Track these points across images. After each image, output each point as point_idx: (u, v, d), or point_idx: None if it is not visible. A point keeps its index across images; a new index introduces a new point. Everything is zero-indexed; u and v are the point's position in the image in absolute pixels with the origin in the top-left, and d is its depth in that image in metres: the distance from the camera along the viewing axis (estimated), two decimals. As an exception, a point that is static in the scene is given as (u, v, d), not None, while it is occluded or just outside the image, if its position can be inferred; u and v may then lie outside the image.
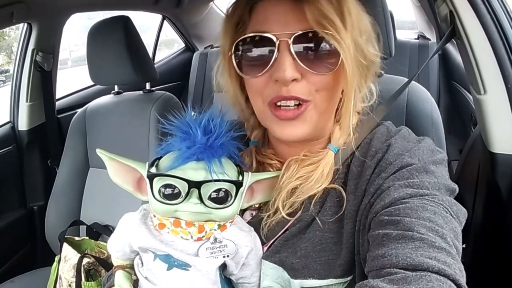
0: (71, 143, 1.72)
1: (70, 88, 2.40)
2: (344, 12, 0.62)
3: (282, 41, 0.62)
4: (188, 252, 0.64)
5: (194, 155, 0.62)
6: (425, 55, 2.48)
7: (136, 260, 0.71)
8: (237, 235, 0.66)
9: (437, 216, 0.56)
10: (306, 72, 0.63)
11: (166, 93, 1.72)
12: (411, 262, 0.50)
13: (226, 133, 0.65)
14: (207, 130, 0.64)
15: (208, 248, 0.64)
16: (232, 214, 0.65)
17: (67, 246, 1.41)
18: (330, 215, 0.69)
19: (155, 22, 2.95)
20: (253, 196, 0.72)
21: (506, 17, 0.96)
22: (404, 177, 0.62)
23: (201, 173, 0.62)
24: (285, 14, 0.63)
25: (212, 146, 0.63)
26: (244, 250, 0.66)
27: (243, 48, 0.67)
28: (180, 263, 0.64)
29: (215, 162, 0.63)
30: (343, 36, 0.61)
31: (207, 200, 0.62)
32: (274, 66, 0.63)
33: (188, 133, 0.64)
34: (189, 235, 0.64)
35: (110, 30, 1.61)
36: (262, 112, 0.70)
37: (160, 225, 0.65)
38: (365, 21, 0.68)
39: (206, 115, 0.65)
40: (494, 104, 0.97)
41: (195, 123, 0.64)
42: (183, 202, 0.61)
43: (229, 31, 0.70)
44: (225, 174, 0.63)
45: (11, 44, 4.31)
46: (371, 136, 0.72)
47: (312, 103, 0.66)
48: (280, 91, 0.64)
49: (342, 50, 0.61)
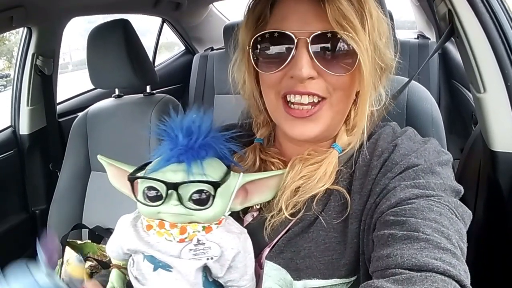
0: (73, 146, 1.73)
1: (71, 92, 2.41)
2: (365, 14, 0.62)
3: (301, 40, 0.62)
4: (171, 253, 0.64)
5: (173, 157, 0.63)
6: (425, 55, 2.48)
7: (129, 260, 0.71)
8: (223, 237, 0.66)
9: (443, 217, 0.56)
10: (323, 72, 0.64)
11: (167, 96, 1.72)
12: (416, 263, 0.50)
13: (211, 134, 0.66)
14: (188, 132, 0.64)
15: (191, 249, 0.64)
16: (214, 215, 0.64)
17: (69, 250, 1.41)
18: (334, 214, 0.69)
19: (154, 25, 2.96)
20: (247, 197, 0.72)
21: (505, 15, 0.96)
22: (410, 177, 0.62)
23: (180, 174, 0.62)
24: (305, 13, 0.63)
25: (193, 147, 0.63)
26: (230, 252, 0.65)
27: (261, 44, 0.67)
28: (163, 264, 0.64)
29: (196, 164, 0.63)
30: (361, 38, 0.61)
31: (187, 201, 0.62)
32: (291, 63, 0.64)
33: (171, 136, 0.65)
34: (172, 236, 0.64)
35: (109, 33, 1.61)
36: (275, 107, 0.70)
37: (148, 226, 0.66)
38: (385, 24, 0.68)
39: (188, 117, 0.66)
40: (494, 102, 0.97)
41: (178, 126, 0.65)
42: (164, 203, 0.62)
43: (249, 26, 0.70)
44: (204, 175, 0.63)
45: (12, 48, 4.32)
46: (376, 136, 0.72)
47: (328, 103, 0.66)
48: (295, 86, 0.64)
49: (360, 51, 0.61)
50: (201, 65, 2.94)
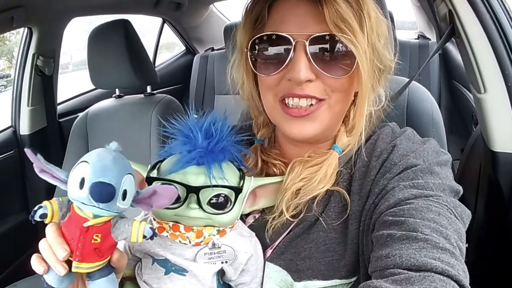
0: (73, 147, 1.73)
1: (72, 92, 2.41)
2: (363, 16, 0.62)
3: (299, 42, 0.62)
4: (186, 257, 0.63)
5: (194, 159, 0.62)
6: (426, 55, 2.48)
7: (137, 264, 0.71)
8: (236, 241, 0.66)
9: (442, 217, 0.56)
10: (321, 74, 0.63)
11: (167, 96, 1.72)
12: (414, 263, 0.50)
13: (228, 137, 0.65)
14: (208, 134, 0.63)
15: (206, 253, 0.63)
16: (231, 219, 0.64)
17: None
18: (334, 215, 0.69)
19: (155, 26, 2.96)
20: (256, 200, 0.71)
21: (505, 15, 0.96)
22: (409, 177, 0.62)
23: (200, 178, 0.61)
24: (303, 15, 0.63)
25: (213, 150, 0.62)
26: (244, 256, 0.65)
27: (259, 46, 0.67)
28: (177, 268, 0.63)
29: (215, 167, 0.62)
30: (360, 40, 0.61)
31: (206, 205, 0.61)
32: (289, 66, 0.64)
33: (189, 137, 0.63)
34: (187, 240, 0.63)
35: (110, 33, 1.61)
36: (273, 109, 0.70)
37: (160, 228, 0.65)
38: (384, 25, 0.68)
39: (207, 118, 0.64)
40: (494, 103, 0.97)
41: (196, 127, 0.63)
42: (182, 207, 0.61)
43: (247, 28, 0.70)
44: (224, 179, 0.62)
45: (12, 49, 4.32)
46: (375, 137, 0.72)
47: (327, 104, 0.66)
48: (293, 88, 0.64)
49: (358, 54, 0.61)
50: (201, 65, 2.94)
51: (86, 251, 0.52)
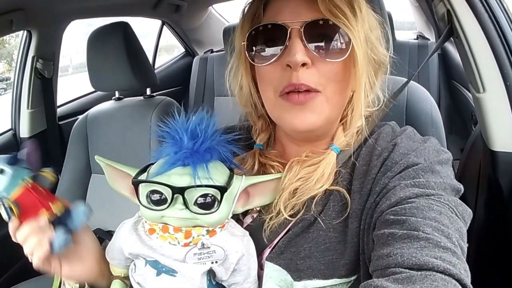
0: (73, 149, 1.73)
1: (71, 95, 2.41)
2: (355, 7, 0.64)
3: (294, 29, 0.64)
4: (175, 257, 0.63)
5: (179, 160, 0.62)
6: (425, 55, 2.48)
7: (131, 265, 0.71)
8: (227, 241, 0.65)
9: (443, 216, 0.56)
10: (316, 59, 0.64)
11: (167, 98, 1.72)
12: (416, 262, 0.50)
13: (214, 137, 0.65)
14: (194, 135, 0.64)
15: (196, 254, 0.63)
16: (219, 219, 0.64)
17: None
18: (333, 214, 0.69)
19: (154, 28, 2.97)
20: (249, 200, 0.71)
21: (504, 15, 0.96)
22: (410, 176, 0.62)
23: (185, 178, 0.61)
24: (297, 6, 0.65)
25: (198, 151, 0.63)
26: (234, 256, 0.65)
27: (256, 37, 0.68)
28: (167, 269, 0.63)
29: (201, 167, 0.62)
30: (353, 24, 0.63)
31: (192, 205, 0.61)
32: (285, 52, 0.65)
33: (176, 139, 0.64)
34: (176, 240, 0.63)
35: (109, 36, 1.61)
36: (274, 105, 0.70)
37: (150, 230, 0.65)
38: (375, 21, 0.70)
39: (193, 120, 0.65)
40: (493, 102, 0.97)
41: (182, 129, 0.64)
42: (169, 208, 0.61)
43: (244, 26, 0.71)
44: (210, 179, 0.62)
45: (12, 51, 4.33)
46: (376, 136, 0.72)
47: (323, 95, 0.66)
48: (290, 78, 0.64)
49: (352, 36, 0.63)
50: (201, 67, 2.94)
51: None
